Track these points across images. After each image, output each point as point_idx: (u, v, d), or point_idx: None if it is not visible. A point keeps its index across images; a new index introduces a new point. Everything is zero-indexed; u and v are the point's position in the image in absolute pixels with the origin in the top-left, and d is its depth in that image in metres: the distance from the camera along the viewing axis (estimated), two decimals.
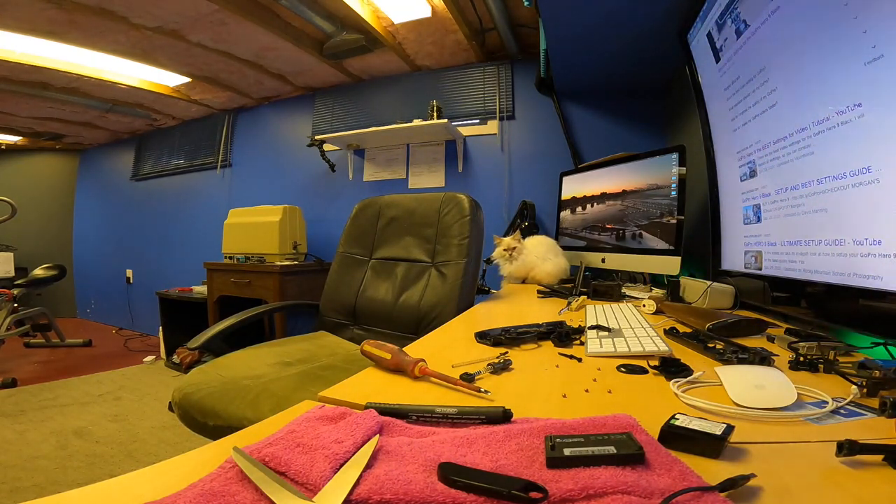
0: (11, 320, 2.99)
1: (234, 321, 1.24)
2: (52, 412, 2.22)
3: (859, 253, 0.75)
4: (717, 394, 0.50)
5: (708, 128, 1.37)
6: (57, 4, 2.01)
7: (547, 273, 1.61)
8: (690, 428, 0.37)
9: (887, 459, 0.34)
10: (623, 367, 0.61)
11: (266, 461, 0.32)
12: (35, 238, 4.40)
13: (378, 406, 0.43)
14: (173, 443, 1.95)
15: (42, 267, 3.48)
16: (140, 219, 4.14)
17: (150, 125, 3.99)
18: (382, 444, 0.36)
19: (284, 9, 2.14)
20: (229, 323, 1.22)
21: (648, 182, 1.55)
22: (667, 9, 1.47)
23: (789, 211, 0.97)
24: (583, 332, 0.80)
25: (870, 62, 0.71)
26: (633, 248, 1.60)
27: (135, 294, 4.19)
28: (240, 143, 3.53)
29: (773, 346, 0.76)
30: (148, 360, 3.23)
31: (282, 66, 2.82)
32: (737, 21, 1.12)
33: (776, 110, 1.00)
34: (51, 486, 1.56)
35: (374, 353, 0.61)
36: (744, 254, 1.17)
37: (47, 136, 4.21)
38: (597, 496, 0.29)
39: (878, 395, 0.48)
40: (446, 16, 2.16)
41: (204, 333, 1.16)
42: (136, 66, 2.73)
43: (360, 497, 0.29)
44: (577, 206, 1.97)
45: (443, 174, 2.73)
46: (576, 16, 1.61)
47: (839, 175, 0.79)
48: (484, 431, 0.38)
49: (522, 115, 2.61)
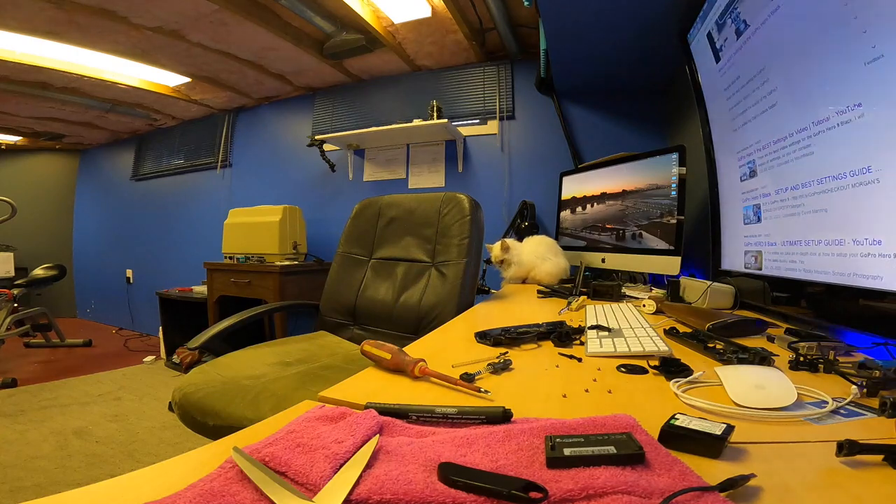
0: (11, 320, 2.99)
1: (234, 321, 1.24)
2: (52, 412, 2.22)
3: (859, 253, 0.75)
4: (717, 394, 0.50)
5: (708, 128, 1.37)
6: (57, 4, 2.01)
7: (547, 273, 1.61)
8: (690, 428, 0.37)
9: (887, 459, 0.34)
10: (623, 367, 0.61)
11: (266, 461, 0.32)
12: (35, 238, 4.40)
13: (378, 406, 0.43)
14: (173, 443, 1.95)
15: (42, 267, 3.48)
16: (140, 219, 4.14)
17: (150, 125, 3.99)
18: (382, 444, 0.36)
19: (284, 9, 2.14)
20: (229, 323, 1.22)
21: (648, 182, 1.55)
22: (667, 9, 1.47)
23: (789, 211, 0.97)
24: (583, 332, 0.80)
25: (870, 62, 0.71)
26: (633, 248, 1.60)
27: (135, 294, 4.19)
28: (240, 143, 3.53)
29: (773, 346, 0.76)
30: (148, 360, 3.23)
31: (282, 66, 2.82)
32: (737, 21, 1.12)
33: (776, 110, 1.00)
34: (51, 486, 1.56)
35: (374, 353, 0.61)
36: (744, 254, 1.17)
37: (47, 136, 4.21)
38: (597, 496, 0.29)
39: (878, 395, 0.48)
40: (446, 16, 2.16)
41: (204, 333, 1.16)
42: (136, 66, 2.73)
43: (360, 497, 0.29)
44: (577, 206, 1.97)
45: (443, 174, 2.73)
46: (576, 16, 1.61)
47: (839, 175, 0.79)
48: (484, 431, 0.38)
49: (522, 115, 2.61)
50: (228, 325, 1.22)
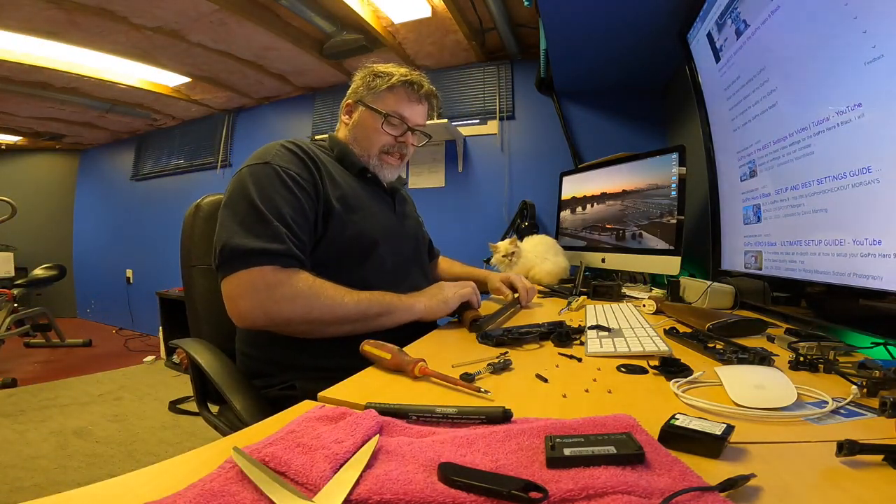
0: (11, 320, 2.99)
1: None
2: (52, 412, 2.22)
3: (859, 253, 0.75)
4: (717, 394, 0.50)
5: (708, 128, 1.37)
6: (57, 4, 2.01)
7: (547, 273, 1.61)
8: (690, 428, 0.37)
9: (887, 459, 0.34)
10: (623, 367, 0.61)
11: (266, 461, 0.32)
12: (35, 238, 4.40)
13: (378, 406, 0.43)
14: (173, 443, 1.95)
15: (42, 267, 3.48)
16: (140, 219, 4.14)
17: (150, 125, 4.00)
18: (382, 444, 0.36)
19: (284, 9, 2.14)
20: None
21: (648, 182, 1.55)
22: (667, 9, 1.47)
23: (789, 211, 0.97)
24: (583, 331, 0.80)
25: (870, 62, 0.71)
26: (633, 248, 1.60)
27: (135, 294, 4.19)
28: (240, 143, 3.52)
29: (773, 346, 0.76)
30: (148, 360, 3.23)
31: (282, 66, 2.82)
32: (737, 21, 1.12)
33: (776, 110, 1.00)
34: (51, 486, 1.56)
35: (374, 353, 0.61)
36: (744, 254, 1.17)
37: (47, 136, 4.21)
38: (597, 496, 0.29)
39: (878, 395, 0.48)
40: (446, 16, 2.16)
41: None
42: (136, 66, 2.73)
43: (360, 497, 0.29)
44: (577, 206, 1.97)
45: (443, 174, 2.73)
46: (576, 16, 1.61)
47: (839, 175, 0.79)
48: (484, 431, 0.38)
49: (522, 115, 2.61)
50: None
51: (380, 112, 0.97)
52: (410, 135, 1.02)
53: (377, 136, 0.98)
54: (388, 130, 0.98)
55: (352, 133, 1.01)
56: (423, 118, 1.04)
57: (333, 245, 0.85)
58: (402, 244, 1.02)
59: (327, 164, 0.91)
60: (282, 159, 0.83)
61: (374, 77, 0.99)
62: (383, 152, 0.99)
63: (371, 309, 0.79)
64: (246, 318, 0.75)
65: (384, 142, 0.99)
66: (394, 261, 0.95)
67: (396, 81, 0.97)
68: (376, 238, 0.91)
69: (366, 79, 1.00)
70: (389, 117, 0.97)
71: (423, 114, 1.03)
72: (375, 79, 0.99)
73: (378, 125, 0.97)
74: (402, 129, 0.99)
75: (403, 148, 1.02)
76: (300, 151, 0.87)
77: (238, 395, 0.75)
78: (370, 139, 0.98)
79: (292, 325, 0.77)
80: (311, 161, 0.87)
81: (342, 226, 0.86)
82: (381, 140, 0.98)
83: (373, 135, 0.98)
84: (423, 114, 1.04)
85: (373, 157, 0.99)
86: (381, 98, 0.98)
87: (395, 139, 0.99)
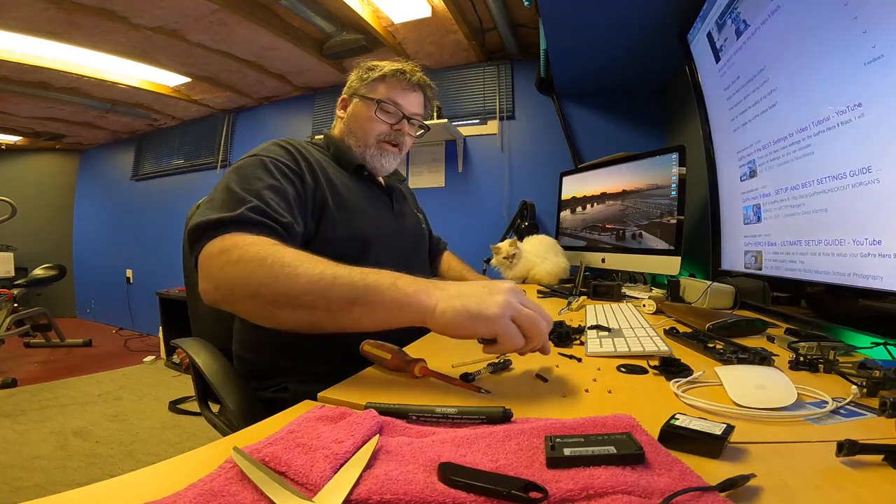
0: (11, 320, 3.00)
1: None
2: (52, 412, 2.22)
3: (859, 253, 0.75)
4: (717, 394, 0.50)
5: (708, 128, 1.37)
6: (57, 4, 2.01)
7: (547, 273, 1.61)
8: (690, 428, 0.37)
9: (887, 459, 0.34)
10: (623, 367, 0.61)
11: (266, 461, 0.32)
12: (35, 238, 4.40)
13: (378, 406, 0.43)
14: (173, 443, 1.95)
15: (42, 267, 3.48)
16: (140, 219, 4.14)
17: (150, 125, 4.00)
18: (382, 444, 0.36)
19: (284, 9, 2.14)
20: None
21: (648, 182, 1.55)
22: (667, 9, 1.47)
23: (789, 211, 0.97)
24: (583, 331, 0.80)
25: (870, 62, 0.71)
26: (633, 248, 1.60)
27: (135, 294, 4.19)
28: (240, 143, 3.53)
29: (773, 346, 0.76)
30: (148, 360, 3.23)
31: (282, 66, 2.82)
32: (737, 21, 1.12)
33: (776, 110, 1.00)
34: (51, 486, 1.56)
35: (374, 353, 0.61)
36: (744, 254, 1.17)
37: (47, 136, 4.21)
38: (597, 496, 0.29)
39: (878, 395, 0.48)
40: (446, 16, 2.16)
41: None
42: (136, 66, 2.74)
43: (360, 497, 0.29)
44: (577, 206, 1.97)
45: (443, 174, 2.73)
46: (576, 16, 1.61)
47: (839, 175, 0.79)
48: (484, 431, 0.38)
49: (522, 115, 2.61)
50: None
51: (373, 99, 0.97)
52: (406, 123, 1.01)
53: (371, 125, 0.97)
54: (382, 118, 0.97)
55: (347, 126, 1.01)
56: (418, 107, 1.03)
57: (326, 245, 0.82)
58: (400, 243, 1.01)
59: (322, 162, 0.90)
60: (270, 152, 0.82)
61: (367, 70, 1.00)
62: (380, 140, 0.99)
63: (332, 291, 0.55)
64: (203, 292, 0.63)
65: (379, 130, 0.98)
66: (391, 261, 0.95)
67: (388, 71, 0.97)
68: (369, 238, 0.89)
69: (359, 73, 1.01)
70: (382, 104, 0.97)
71: (417, 103, 1.02)
72: (368, 71, 0.99)
73: (372, 113, 0.97)
74: (396, 116, 0.98)
75: (399, 136, 1.00)
76: (291, 147, 0.86)
77: (232, 395, 0.74)
78: (364, 128, 0.98)
79: (236, 300, 0.61)
80: (301, 157, 0.86)
81: (334, 225, 0.85)
82: (376, 129, 0.98)
83: (367, 123, 0.98)
84: (418, 103, 1.03)
85: (370, 146, 0.98)
86: (373, 87, 0.98)
87: (390, 127, 0.98)
